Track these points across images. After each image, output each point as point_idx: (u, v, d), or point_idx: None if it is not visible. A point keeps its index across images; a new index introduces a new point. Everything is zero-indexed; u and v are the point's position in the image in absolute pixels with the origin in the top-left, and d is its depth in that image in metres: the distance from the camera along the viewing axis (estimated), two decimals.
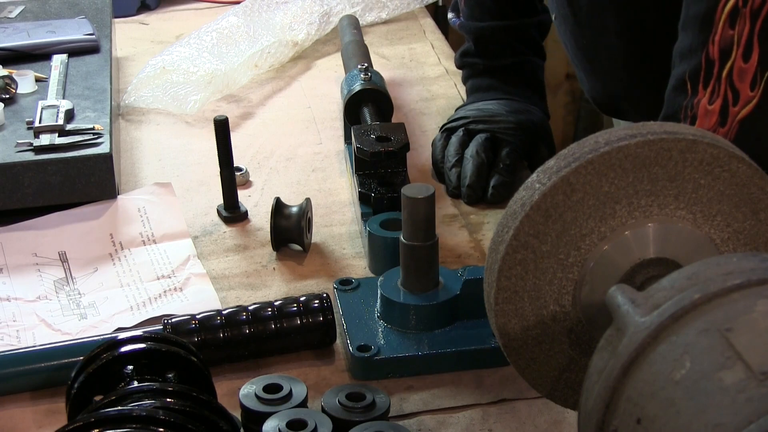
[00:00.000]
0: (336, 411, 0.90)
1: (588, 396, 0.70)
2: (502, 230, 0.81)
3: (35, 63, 1.49)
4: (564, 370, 0.83)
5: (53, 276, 1.17)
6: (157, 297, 1.13)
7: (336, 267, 1.18)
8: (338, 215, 1.27)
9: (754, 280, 0.65)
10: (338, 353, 1.04)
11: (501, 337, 0.83)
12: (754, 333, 0.62)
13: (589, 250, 0.80)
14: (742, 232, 0.81)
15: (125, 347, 0.88)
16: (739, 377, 0.59)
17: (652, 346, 0.66)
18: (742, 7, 1.01)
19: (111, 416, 0.77)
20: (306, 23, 1.71)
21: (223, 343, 1.00)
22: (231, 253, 1.21)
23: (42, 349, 1.01)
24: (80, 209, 1.26)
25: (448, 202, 1.29)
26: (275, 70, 1.66)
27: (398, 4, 1.84)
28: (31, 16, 1.66)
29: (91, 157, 1.25)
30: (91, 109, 1.35)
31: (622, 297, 0.71)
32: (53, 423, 0.94)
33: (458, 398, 0.97)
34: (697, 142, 0.78)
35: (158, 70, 1.54)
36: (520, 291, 0.81)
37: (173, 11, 1.92)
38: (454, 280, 1.05)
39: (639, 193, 0.79)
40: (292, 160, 1.41)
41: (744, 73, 1.02)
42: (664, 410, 0.62)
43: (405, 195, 1.01)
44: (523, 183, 0.81)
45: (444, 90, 1.60)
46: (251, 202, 1.30)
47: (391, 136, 1.23)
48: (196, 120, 1.51)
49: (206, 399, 0.82)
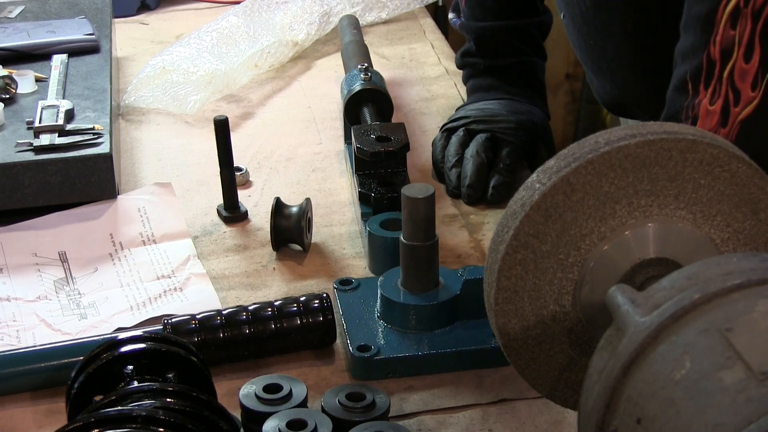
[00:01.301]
0: (336, 411, 0.90)
1: (588, 396, 0.70)
2: (502, 230, 0.81)
3: (35, 63, 1.49)
4: (564, 370, 0.83)
5: (53, 276, 1.17)
6: (157, 297, 1.13)
7: (336, 267, 1.18)
8: (338, 215, 1.27)
9: (754, 280, 0.65)
10: (338, 353, 1.04)
11: (501, 337, 0.83)
12: (754, 333, 0.62)
13: (589, 250, 0.80)
14: (742, 232, 0.81)
15: (125, 347, 0.88)
16: (739, 377, 0.59)
17: (652, 346, 0.66)
18: (744, 8, 1.01)
19: (111, 416, 0.77)
20: (306, 23, 1.71)
21: (223, 343, 1.00)
22: (231, 253, 1.21)
23: (42, 349, 1.01)
24: (80, 209, 1.26)
25: (448, 202, 1.29)
26: (275, 70, 1.66)
27: (398, 4, 1.84)
28: (31, 16, 1.66)
29: (91, 157, 1.25)
30: (91, 109, 1.35)
31: (622, 297, 0.71)
32: (53, 423, 0.94)
33: (458, 398, 0.97)
34: (697, 142, 0.78)
35: (158, 70, 1.54)
36: (520, 291, 0.81)
37: (173, 11, 1.92)
38: (454, 280, 1.05)
39: (639, 193, 0.79)
40: (292, 160, 1.41)
41: (745, 74, 1.02)
42: (664, 410, 0.62)
43: (405, 195, 1.01)
44: (523, 183, 0.81)
45: (444, 90, 1.60)
46: (251, 202, 1.30)
47: (391, 136, 1.23)
48: (196, 120, 1.51)
49: (206, 399, 0.82)
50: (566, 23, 1.35)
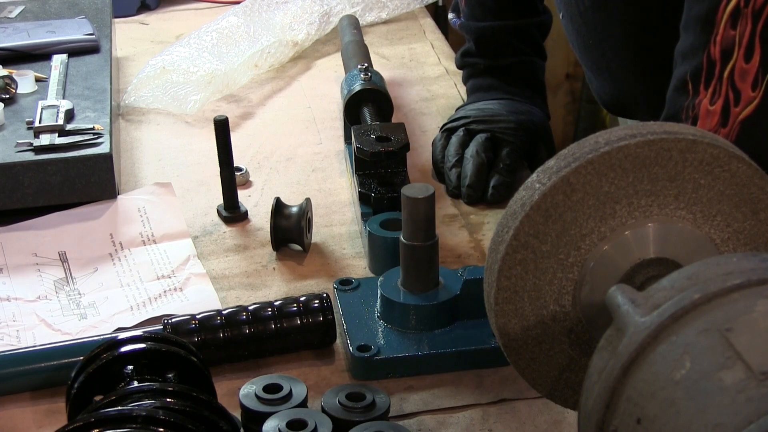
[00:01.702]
0: (336, 411, 0.90)
1: (588, 396, 0.70)
2: (502, 230, 0.81)
3: (35, 63, 1.49)
4: (564, 370, 0.83)
5: (53, 276, 1.17)
6: (157, 297, 1.13)
7: (336, 267, 1.17)
8: (338, 215, 1.27)
9: (754, 280, 0.65)
10: (338, 353, 1.04)
11: (501, 337, 0.83)
12: (754, 333, 0.62)
13: (589, 250, 0.80)
14: (742, 232, 0.81)
15: (125, 347, 0.88)
16: (739, 377, 0.59)
17: (652, 346, 0.66)
18: (744, 8, 1.01)
19: (111, 416, 0.77)
20: (306, 23, 1.71)
21: (223, 343, 1.00)
22: (231, 253, 1.21)
23: (42, 349, 1.01)
24: (80, 209, 1.26)
25: (448, 202, 1.29)
26: (275, 70, 1.66)
27: (398, 4, 1.84)
28: (31, 16, 1.66)
29: (91, 157, 1.25)
30: (91, 109, 1.35)
31: (622, 297, 0.71)
32: (53, 423, 0.94)
33: (458, 398, 0.97)
34: (697, 142, 0.78)
35: (158, 70, 1.54)
36: (520, 291, 0.81)
37: (173, 11, 1.92)
38: (454, 280, 1.05)
39: (639, 193, 0.79)
40: (292, 160, 1.41)
41: (745, 74, 1.02)
42: (664, 410, 0.62)
43: (405, 195, 1.01)
44: (523, 183, 0.81)
45: (444, 90, 1.60)
46: (251, 202, 1.30)
47: (391, 136, 1.23)
48: (196, 120, 1.51)
49: (206, 399, 0.82)
50: (565, 23, 1.35)
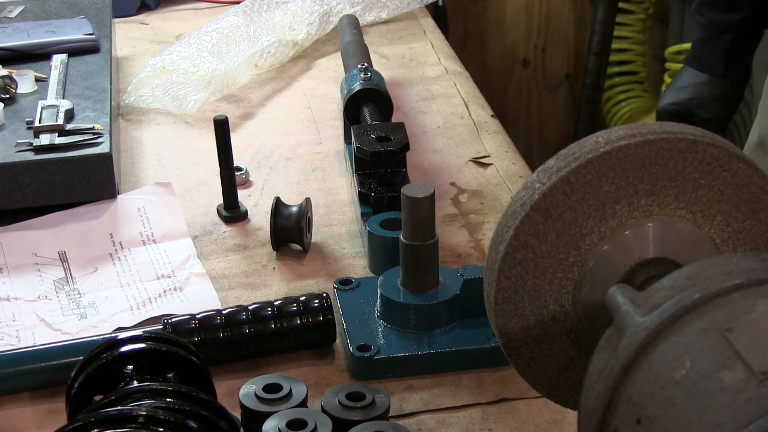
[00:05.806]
0: (336, 411, 0.90)
1: (588, 396, 0.70)
2: (502, 230, 0.81)
3: (35, 63, 1.49)
4: (564, 370, 0.83)
5: (53, 276, 1.17)
6: (157, 297, 1.13)
7: (336, 267, 1.18)
8: (338, 215, 1.27)
9: (754, 280, 0.65)
10: (338, 353, 1.04)
11: (501, 337, 0.83)
12: (754, 333, 0.62)
13: (589, 250, 0.80)
14: (742, 232, 0.81)
15: (125, 347, 0.88)
16: (739, 377, 0.59)
17: (652, 346, 0.66)
18: None
19: (111, 416, 0.77)
20: (306, 23, 1.71)
21: (223, 343, 1.00)
22: (231, 253, 1.21)
23: (42, 349, 1.01)
24: (80, 209, 1.26)
25: (448, 202, 1.29)
26: (275, 70, 1.66)
27: (398, 4, 1.84)
28: (31, 16, 1.66)
29: (91, 157, 1.25)
30: (91, 109, 1.35)
31: (622, 297, 0.71)
32: (53, 423, 0.94)
33: (458, 398, 0.97)
34: (697, 141, 0.78)
35: (158, 70, 1.54)
36: (520, 291, 0.81)
37: (173, 11, 1.92)
38: (454, 279, 1.05)
39: (639, 193, 0.79)
40: (292, 160, 1.41)
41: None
42: (664, 410, 0.62)
43: (405, 195, 1.01)
44: (524, 183, 0.81)
45: (444, 90, 1.60)
46: (251, 202, 1.30)
47: (391, 136, 1.23)
48: (196, 120, 1.51)
49: (206, 399, 0.82)
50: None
